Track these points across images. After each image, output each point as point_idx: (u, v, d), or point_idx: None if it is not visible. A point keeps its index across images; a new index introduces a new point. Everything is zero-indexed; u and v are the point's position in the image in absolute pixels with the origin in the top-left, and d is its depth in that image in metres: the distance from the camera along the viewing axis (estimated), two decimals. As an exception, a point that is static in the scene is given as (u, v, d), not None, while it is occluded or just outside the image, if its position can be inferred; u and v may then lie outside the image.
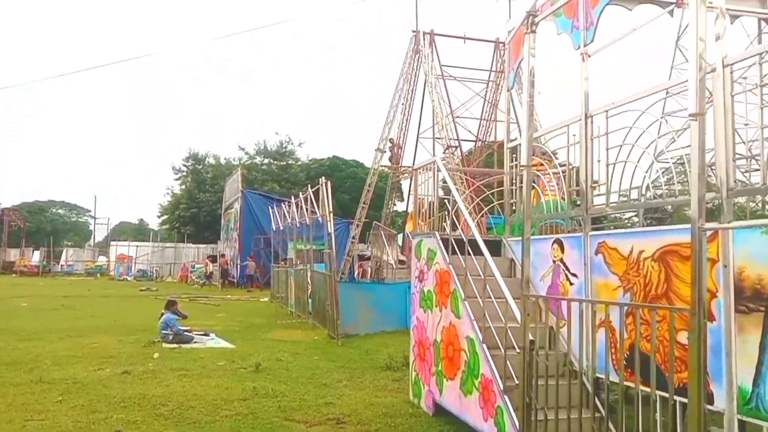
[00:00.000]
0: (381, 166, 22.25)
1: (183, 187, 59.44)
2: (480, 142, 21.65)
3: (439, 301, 7.83)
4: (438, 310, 7.84)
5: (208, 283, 34.17)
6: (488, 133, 21.81)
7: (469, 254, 7.23)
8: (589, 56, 6.99)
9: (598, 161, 6.78)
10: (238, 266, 34.50)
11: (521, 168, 5.74)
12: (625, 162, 6.41)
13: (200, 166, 59.62)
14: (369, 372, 10.64)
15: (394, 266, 18.42)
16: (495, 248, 8.31)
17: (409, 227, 24.45)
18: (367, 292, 15.27)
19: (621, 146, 6.45)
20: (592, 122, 6.89)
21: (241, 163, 47.16)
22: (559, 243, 7.17)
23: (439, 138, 19.78)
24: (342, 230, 35.45)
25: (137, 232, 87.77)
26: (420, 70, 21.55)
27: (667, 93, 8.54)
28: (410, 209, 23.88)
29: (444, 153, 18.60)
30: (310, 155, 63.27)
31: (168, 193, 61.61)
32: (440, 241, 7.91)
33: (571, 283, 6.91)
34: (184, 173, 59.86)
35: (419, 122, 22.54)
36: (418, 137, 22.85)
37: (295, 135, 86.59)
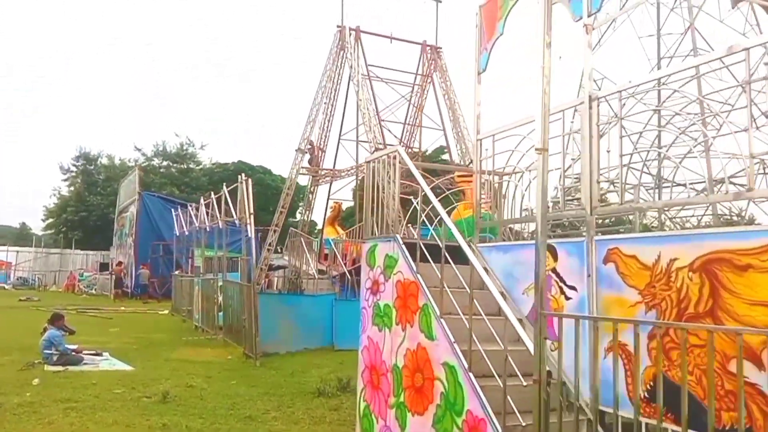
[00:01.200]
0: (302, 167, 20.70)
1: (72, 188, 54.96)
2: (406, 148, 20.62)
3: (401, 317, 6.49)
4: (399, 329, 6.49)
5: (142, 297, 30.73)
6: (413, 139, 20.89)
7: (447, 262, 5.95)
8: (593, 29, 5.98)
9: (608, 151, 5.74)
10: (133, 275, 31.57)
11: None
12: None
13: (92, 167, 55.42)
14: (299, 399, 9.12)
15: (316, 276, 16.92)
16: (457, 256, 7.07)
17: (327, 233, 22.99)
18: (289, 305, 13.70)
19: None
20: (598, 106, 5.84)
21: (138, 164, 43.96)
22: (551, 250, 6.04)
23: (364, 141, 18.55)
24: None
25: (18, 237, 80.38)
26: (345, 68, 20.31)
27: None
28: (335, 213, 22.56)
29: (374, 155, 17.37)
30: (214, 159, 60.35)
31: (54, 195, 56.73)
32: (403, 246, 6.60)
33: (568, 298, 5.79)
34: (74, 174, 55.41)
35: (341, 123, 21.30)
36: (339, 139, 21.55)
37: (197, 137, 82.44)
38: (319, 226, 25.31)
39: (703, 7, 37.46)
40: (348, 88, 20.60)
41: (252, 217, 12.40)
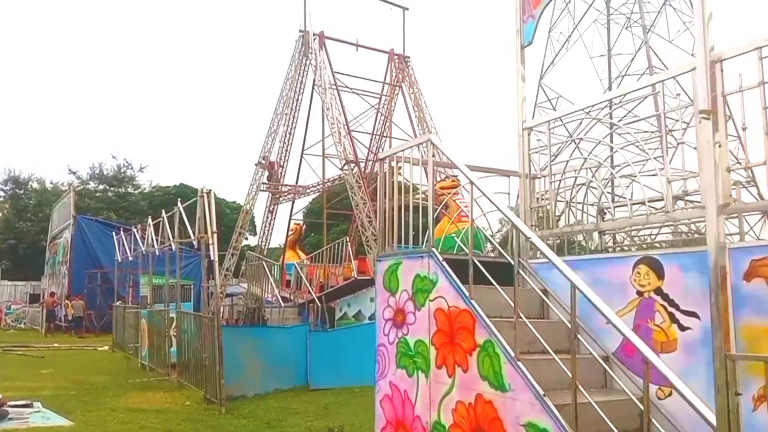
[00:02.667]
0: (263, 183, 18.88)
1: (0, 214, 51.13)
2: (375, 158, 19.11)
3: (444, 359, 4.90)
4: (443, 375, 4.90)
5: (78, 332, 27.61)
6: (381, 149, 19.40)
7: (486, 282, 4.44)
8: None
9: (744, 128, 4.35)
10: (63, 307, 28.66)
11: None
12: None
13: (21, 191, 51.75)
14: (288, 460, 7.35)
15: (282, 305, 15.10)
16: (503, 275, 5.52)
17: (288, 257, 21.15)
18: (256, 339, 11.83)
19: None
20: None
21: (73, 186, 41.03)
22: (651, 264, 4.59)
23: (330, 155, 16.97)
24: (196, 264, 31.04)
25: (-63, 267, 74.61)
26: (308, 76, 18.76)
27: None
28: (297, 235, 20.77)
29: (342, 169, 15.74)
30: (154, 182, 57.50)
31: (-21, 221, 52.62)
32: (445, 264, 5.04)
33: (684, 328, 4.32)
34: (2, 199, 51.66)
35: (304, 136, 19.65)
36: (302, 153, 19.86)
37: (136, 158, 78.44)
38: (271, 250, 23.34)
39: (656, 28, 37.76)
40: (312, 98, 19.06)
41: (216, 236, 10.58)
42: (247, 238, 49.61)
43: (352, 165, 15.48)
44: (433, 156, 5.59)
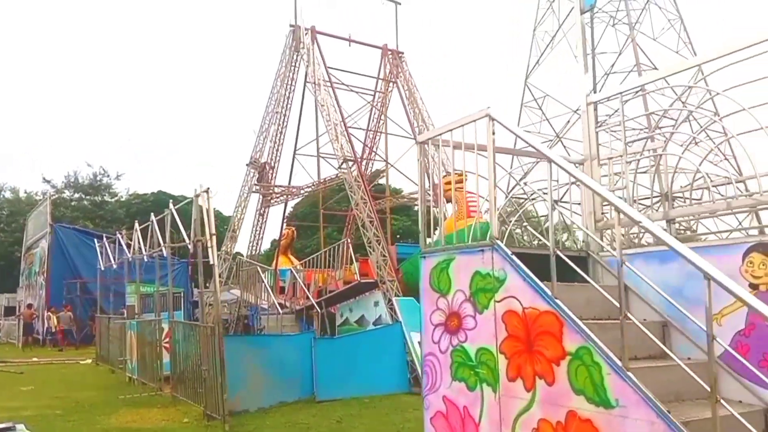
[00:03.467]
0: (254, 184, 17.97)
1: (-29, 225, 49.41)
2: (369, 155, 18.33)
3: (520, 369, 4.16)
4: (518, 388, 4.16)
5: (59, 344, 26.27)
6: (376, 146, 18.69)
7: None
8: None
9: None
10: (46, 319, 27.40)
11: None
12: None
13: (-7, 201, 50.16)
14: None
15: (279, 311, 14.22)
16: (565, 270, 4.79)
17: (281, 263, 20.29)
18: (258, 348, 10.97)
19: None
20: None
21: (49, 194, 39.55)
22: None
23: (328, 155, 16.14)
24: (180, 271, 29.94)
25: None
26: (299, 72, 17.95)
27: None
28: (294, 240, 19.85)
29: (340, 168, 14.95)
30: (131, 189, 56.18)
31: (-50, 233, 50.78)
32: (516, 260, 4.30)
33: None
34: (-27, 209, 50.04)
35: (296, 135, 18.77)
36: (295, 153, 19.01)
37: (112, 166, 76.37)
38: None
39: (641, 26, 37.52)
40: (304, 95, 18.21)
41: (215, 238, 9.73)
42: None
43: (351, 163, 14.68)
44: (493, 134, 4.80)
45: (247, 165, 17.55)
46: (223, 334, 9.71)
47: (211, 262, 9.57)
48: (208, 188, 9.67)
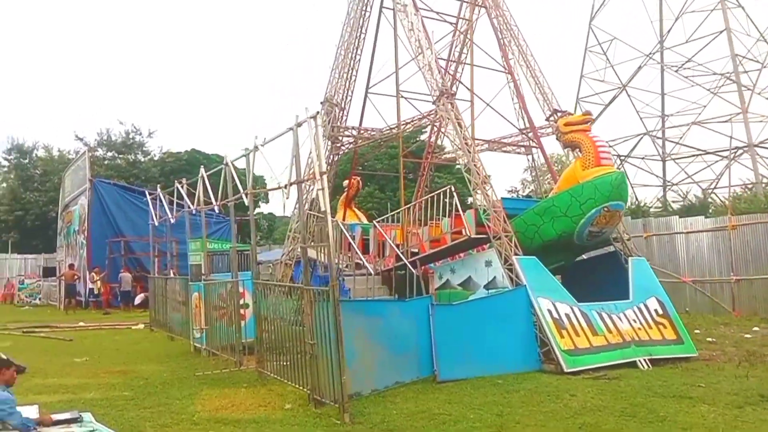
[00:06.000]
0: (334, 126, 15.64)
1: (4, 185, 48.25)
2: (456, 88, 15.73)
3: None
4: None
5: (101, 307, 24.84)
6: (459, 79, 16.25)
7: None
8: None
9: None
10: (87, 280, 25.79)
11: None
12: None
13: (26, 160, 48.71)
14: None
15: (372, 272, 12.11)
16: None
17: (348, 216, 18.15)
18: (370, 318, 8.87)
19: None
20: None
21: (88, 148, 37.84)
22: None
23: (415, 93, 13.74)
24: (226, 229, 28.10)
25: (-59, 240, 71.88)
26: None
27: None
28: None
29: (437, 103, 12.57)
30: (164, 148, 54.45)
31: (-17, 192, 49.76)
32: None
33: None
34: (6, 169, 48.74)
35: (369, 71, 16.45)
36: (367, 92, 16.71)
37: (144, 123, 74.14)
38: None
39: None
40: (379, 22, 15.73)
41: (325, 177, 7.54)
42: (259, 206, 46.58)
43: (449, 98, 12.32)
44: None
45: (321, 103, 15.30)
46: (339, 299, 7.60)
47: (324, 207, 7.38)
48: (318, 114, 7.43)
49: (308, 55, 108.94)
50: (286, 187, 8.74)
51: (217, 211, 13.51)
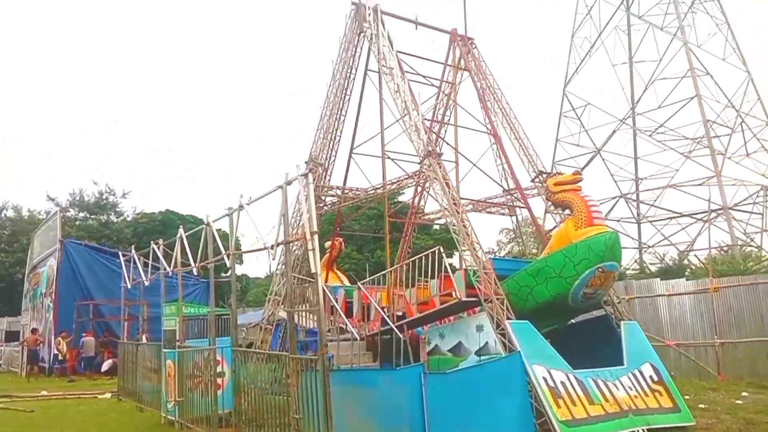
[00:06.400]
0: (317, 185, 15.23)
1: (-30, 244, 46.76)
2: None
3: None
4: None
5: (65, 374, 23.45)
6: (443, 139, 16.14)
7: None
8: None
9: None
10: (52, 345, 24.59)
11: None
12: None
13: (-6, 220, 47.65)
14: None
15: (356, 337, 11.56)
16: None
17: (329, 279, 17.67)
18: (357, 387, 8.33)
19: None
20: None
21: (60, 208, 36.98)
22: None
23: (391, 152, 13.59)
24: (200, 292, 27.31)
25: None
26: (359, 58, 15.48)
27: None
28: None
29: (422, 164, 12.38)
30: (138, 208, 53.74)
31: (-53, 253, 48.08)
32: None
33: None
34: (-27, 228, 47.49)
35: (354, 131, 16.29)
36: (351, 152, 16.50)
37: (118, 184, 73.23)
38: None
39: (688, 32, 35.13)
40: (364, 85, 15.73)
41: (316, 236, 7.15)
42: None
43: (436, 158, 12.16)
44: None
45: (306, 163, 15.03)
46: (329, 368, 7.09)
47: (313, 270, 6.95)
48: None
49: (282, 118, 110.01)
50: (272, 247, 8.33)
51: (196, 273, 12.98)
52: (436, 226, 33.88)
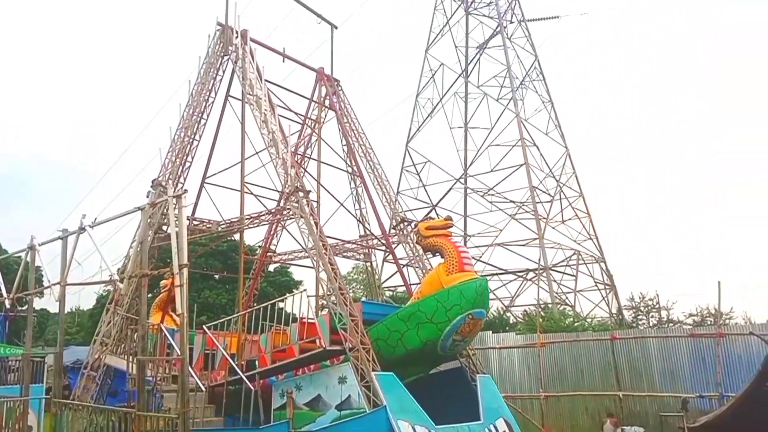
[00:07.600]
0: (164, 213, 13.46)
1: None
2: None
3: None
4: None
5: None
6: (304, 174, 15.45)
7: None
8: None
9: None
10: None
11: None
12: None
13: None
14: None
15: (203, 388, 10.14)
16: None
17: (163, 321, 15.79)
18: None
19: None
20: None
21: None
22: None
23: (252, 184, 12.49)
24: (-5, 328, 23.41)
25: None
26: (220, 83, 14.29)
27: None
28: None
29: (289, 200, 11.57)
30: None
31: None
32: None
33: None
34: None
35: (208, 160, 14.88)
36: (203, 182, 15.03)
37: None
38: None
39: (520, 105, 38.15)
40: (223, 111, 14.47)
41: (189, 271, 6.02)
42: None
43: (301, 194, 11.45)
44: None
45: (152, 186, 13.35)
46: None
47: (179, 310, 5.82)
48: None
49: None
50: (122, 280, 7.01)
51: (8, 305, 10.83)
52: (271, 268, 32.59)
